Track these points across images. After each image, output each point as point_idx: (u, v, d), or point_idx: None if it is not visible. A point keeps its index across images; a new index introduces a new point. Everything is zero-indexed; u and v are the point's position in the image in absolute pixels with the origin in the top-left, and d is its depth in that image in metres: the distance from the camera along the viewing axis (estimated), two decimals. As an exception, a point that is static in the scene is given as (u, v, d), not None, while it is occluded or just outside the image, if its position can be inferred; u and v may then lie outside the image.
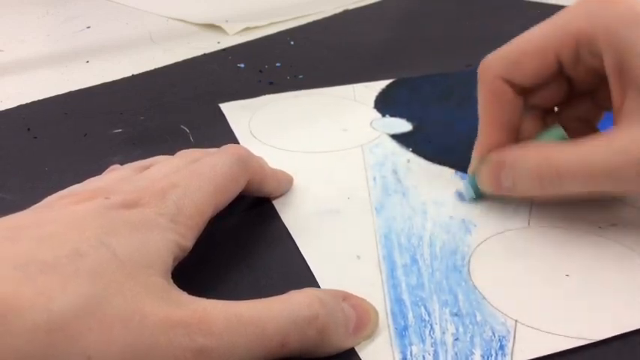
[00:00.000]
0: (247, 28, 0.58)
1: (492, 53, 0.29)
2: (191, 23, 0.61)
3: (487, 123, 0.29)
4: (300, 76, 0.46)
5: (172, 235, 0.21)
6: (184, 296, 0.19)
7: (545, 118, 0.30)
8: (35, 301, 0.16)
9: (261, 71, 0.48)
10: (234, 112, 0.40)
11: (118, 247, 0.19)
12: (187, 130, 0.38)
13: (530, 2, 0.65)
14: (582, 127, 0.30)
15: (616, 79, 0.25)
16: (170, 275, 0.20)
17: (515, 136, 0.29)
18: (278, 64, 0.49)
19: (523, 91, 0.28)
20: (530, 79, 0.28)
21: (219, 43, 0.55)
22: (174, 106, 0.41)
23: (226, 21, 0.60)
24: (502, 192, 0.28)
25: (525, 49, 0.27)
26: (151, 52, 0.53)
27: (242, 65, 0.49)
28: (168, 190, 0.22)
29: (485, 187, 0.29)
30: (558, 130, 0.28)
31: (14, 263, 0.17)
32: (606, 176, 0.24)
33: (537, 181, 0.26)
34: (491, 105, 0.29)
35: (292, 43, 0.55)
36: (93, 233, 0.19)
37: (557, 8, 0.27)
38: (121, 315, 0.17)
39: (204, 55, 0.52)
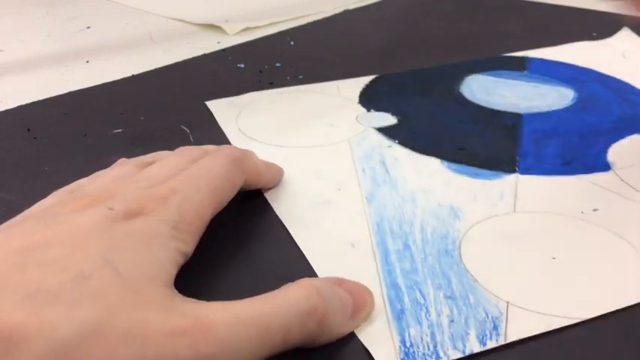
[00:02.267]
0: (247, 28, 0.58)
1: None
2: (191, 23, 0.61)
3: None
4: (300, 77, 0.46)
5: (175, 243, 0.21)
6: (186, 304, 0.19)
7: None
8: (41, 331, 0.16)
9: (261, 71, 0.48)
10: (221, 109, 0.40)
11: (121, 263, 0.19)
12: (187, 130, 0.38)
13: (530, 2, 0.65)
14: None
15: None
16: (173, 283, 0.21)
17: None
18: (278, 64, 0.49)
19: None
20: None
21: (219, 43, 0.55)
22: (174, 106, 0.41)
23: (226, 21, 0.60)
24: None
25: None
26: (151, 52, 0.53)
27: (242, 65, 0.49)
28: (169, 197, 0.23)
29: None
30: None
31: (22, 294, 0.17)
32: None
33: None
34: None
35: (292, 43, 0.55)
36: (97, 251, 0.19)
37: (557, 8, 0.27)
38: (124, 334, 0.17)
39: (204, 55, 0.52)
